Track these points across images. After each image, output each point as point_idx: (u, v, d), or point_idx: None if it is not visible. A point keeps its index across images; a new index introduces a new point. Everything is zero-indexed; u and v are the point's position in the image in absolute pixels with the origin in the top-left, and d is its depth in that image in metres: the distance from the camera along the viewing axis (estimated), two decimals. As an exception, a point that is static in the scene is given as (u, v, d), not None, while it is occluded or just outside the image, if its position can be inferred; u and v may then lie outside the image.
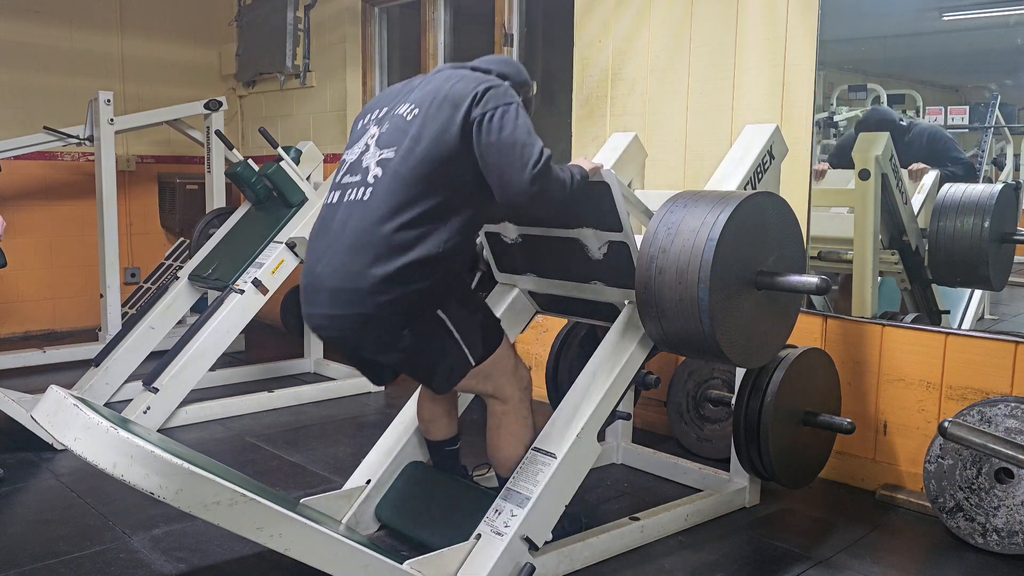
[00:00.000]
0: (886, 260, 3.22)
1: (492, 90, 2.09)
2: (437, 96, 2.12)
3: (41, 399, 1.99)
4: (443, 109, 2.08)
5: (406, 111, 2.15)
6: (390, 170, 2.09)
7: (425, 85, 2.19)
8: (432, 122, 2.08)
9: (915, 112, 3.39)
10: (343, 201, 2.16)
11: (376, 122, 2.22)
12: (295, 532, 1.86)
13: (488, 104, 2.06)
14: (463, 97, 2.08)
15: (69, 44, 5.36)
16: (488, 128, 2.05)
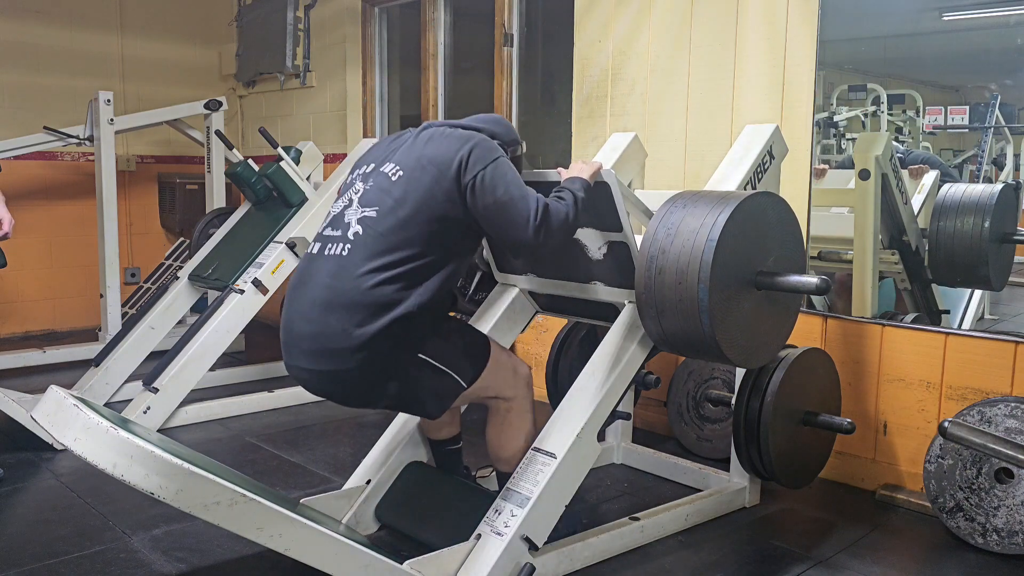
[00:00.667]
0: (886, 260, 3.22)
1: (476, 149, 2.11)
2: (422, 159, 2.13)
3: (41, 399, 1.99)
4: (428, 172, 2.10)
5: (391, 171, 2.15)
6: (371, 229, 2.09)
7: (412, 144, 2.20)
8: (416, 185, 2.09)
9: (915, 112, 3.39)
10: (323, 254, 2.14)
11: (362, 178, 2.21)
12: (295, 532, 1.86)
13: (476, 167, 2.08)
14: (448, 162, 2.09)
15: (69, 44, 5.36)
16: (481, 191, 2.08)
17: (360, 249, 2.08)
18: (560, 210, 2.15)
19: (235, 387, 4.18)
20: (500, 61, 4.31)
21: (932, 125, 3.38)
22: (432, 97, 4.75)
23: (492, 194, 2.07)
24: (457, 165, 2.09)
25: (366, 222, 2.10)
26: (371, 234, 2.08)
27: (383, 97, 5.16)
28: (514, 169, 2.15)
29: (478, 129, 2.24)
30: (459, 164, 2.09)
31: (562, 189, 2.25)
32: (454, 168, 2.09)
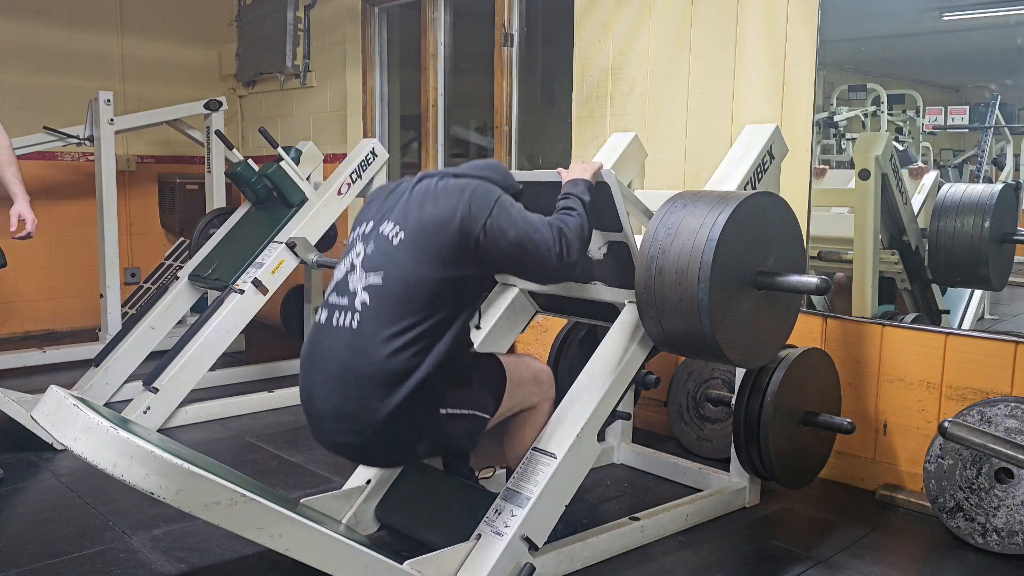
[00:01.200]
0: (886, 260, 3.22)
1: (474, 199, 2.07)
2: (422, 219, 2.07)
3: (41, 399, 1.99)
4: (430, 234, 2.05)
5: (391, 232, 2.10)
6: (379, 298, 2.04)
7: (408, 201, 2.14)
8: (420, 248, 2.05)
9: (915, 112, 3.39)
10: (332, 325, 2.11)
11: (362, 238, 2.16)
12: (295, 532, 1.86)
13: (480, 217, 2.05)
14: (449, 219, 2.05)
15: (69, 44, 5.36)
16: (494, 238, 2.05)
17: (370, 320, 2.04)
18: (574, 224, 2.15)
19: (235, 387, 4.18)
20: (500, 61, 4.31)
21: (932, 125, 3.38)
22: (432, 97, 4.75)
23: (505, 238, 2.05)
24: (459, 221, 2.04)
25: (373, 291, 2.06)
26: (379, 303, 2.04)
27: (383, 97, 5.16)
28: (517, 204, 2.12)
29: (473, 177, 2.18)
30: (461, 220, 2.04)
31: (567, 196, 2.24)
32: (456, 224, 2.04)
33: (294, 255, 3.76)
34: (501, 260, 2.09)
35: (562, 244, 2.09)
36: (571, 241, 2.11)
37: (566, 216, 2.17)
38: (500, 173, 2.25)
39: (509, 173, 2.29)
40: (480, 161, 2.28)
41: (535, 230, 2.07)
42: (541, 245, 2.07)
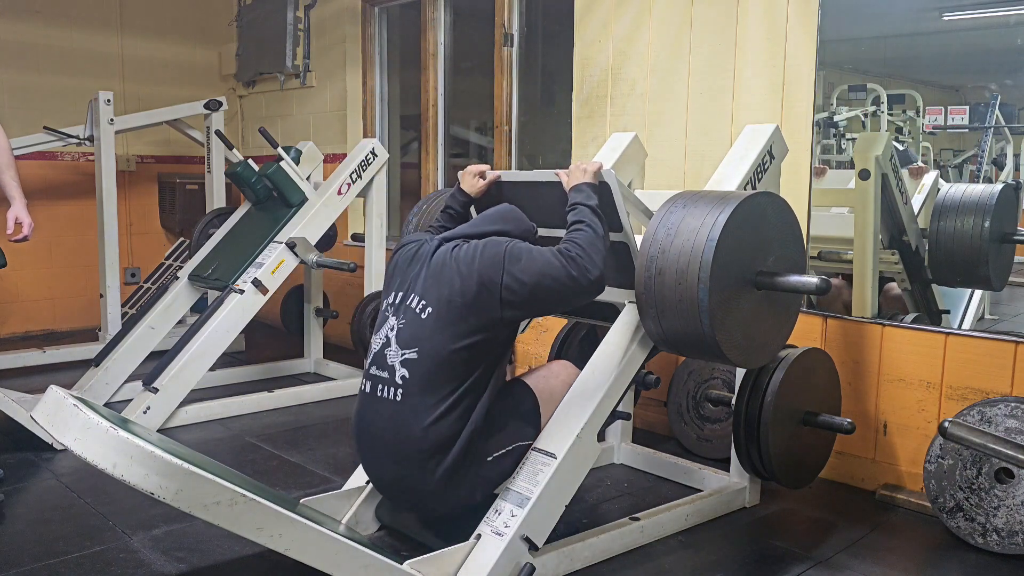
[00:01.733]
0: (886, 260, 3.22)
1: (484, 261, 2.13)
2: (443, 293, 2.15)
3: (41, 399, 1.99)
4: (455, 307, 2.13)
5: (419, 307, 2.18)
6: (416, 371, 2.14)
7: (429, 274, 2.20)
8: (448, 322, 2.13)
9: (915, 112, 3.39)
10: (376, 396, 2.21)
11: (393, 310, 2.24)
12: (295, 532, 1.86)
13: (495, 276, 2.12)
14: (471, 289, 2.12)
15: (69, 44, 5.36)
16: (514, 291, 2.12)
17: (412, 394, 2.14)
18: (585, 239, 2.19)
19: (235, 387, 4.18)
20: (500, 61, 4.31)
21: (932, 125, 3.38)
22: (432, 97, 4.75)
23: (524, 287, 2.12)
24: (477, 291, 2.12)
25: (409, 365, 2.15)
26: (418, 377, 2.13)
27: (383, 97, 5.16)
28: (526, 246, 2.17)
29: (485, 234, 2.25)
30: (479, 289, 2.12)
31: (574, 208, 2.27)
32: (475, 294, 2.12)
33: (294, 255, 3.76)
34: (532, 305, 2.16)
35: (579, 267, 2.14)
36: (586, 259, 2.16)
37: (576, 233, 2.21)
38: (513, 222, 2.31)
39: (522, 218, 2.34)
40: (492, 211, 2.35)
41: (548, 265, 2.13)
42: (559, 279, 2.12)
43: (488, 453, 2.18)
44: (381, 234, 4.18)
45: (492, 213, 2.33)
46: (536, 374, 2.39)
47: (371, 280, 4.20)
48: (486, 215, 2.33)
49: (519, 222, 2.32)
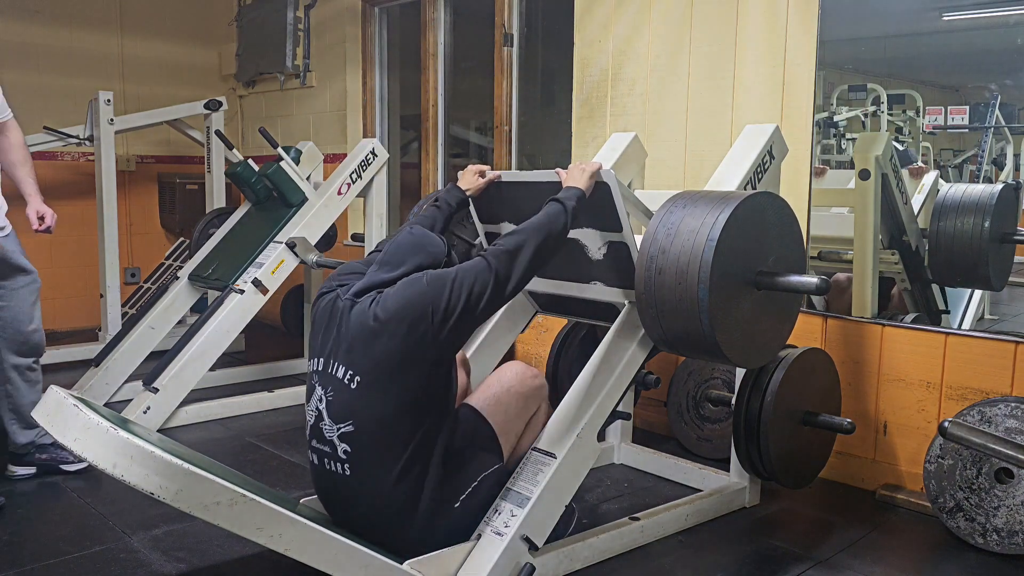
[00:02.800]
0: (886, 260, 3.22)
1: (412, 310, 1.99)
2: (372, 357, 2.01)
3: (41, 399, 2.00)
4: (386, 370, 2.01)
5: (345, 376, 2.04)
6: (357, 443, 2.04)
7: (350, 334, 2.05)
8: (381, 388, 2.02)
9: (915, 112, 3.39)
10: (324, 469, 2.12)
11: (319, 379, 2.11)
12: (295, 532, 1.86)
13: (424, 317, 1.99)
14: (398, 343, 1.99)
15: (69, 44, 5.36)
16: (450, 320, 2.01)
17: (360, 467, 2.05)
18: (532, 235, 2.12)
19: (235, 387, 4.18)
20: (500, 61, 4.31)
21: (932, 125, 3.38)
22: (432, 97, 4.75)
23: (454, 312, 2.01)
24: (408, 332, 1.99)
25: (348, 439, 2.04)
26: (361, 450, 2.04)
27: (383, 97, 5.16)
28: (441, 271, 2.06)
29: (398, 278, 2.10)
30: (409, 330, 1.99)
31: (552, 201, 2.22)
32: (405, 341, 1.99)
33: (294, 255, 3.76)
34: (470, 322, 2.07)
35: (503, 264, 2.07)
36: (515, 258, 2.09)
37: (513, 237, 2.14)
38: (423, 251, 2.15)
39: (431, 242, 2.19)
40: (400, 243, 2.18)
41: (474, 280, 2.04)
42: (486, 283, 2.04)
43: (455, 499, 2.11)
44: (381, 234, 4.17)
45: (402, 245, 2.16)
46: (486, 395, 2.27)
47: (371, 280, 4.19)
48: (396, 248, 2.16)
49: (429, 248, 2.17)
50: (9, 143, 2.90)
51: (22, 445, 2.91)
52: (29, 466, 2.93)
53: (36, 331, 2.89)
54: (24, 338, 2.86)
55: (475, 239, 2.89)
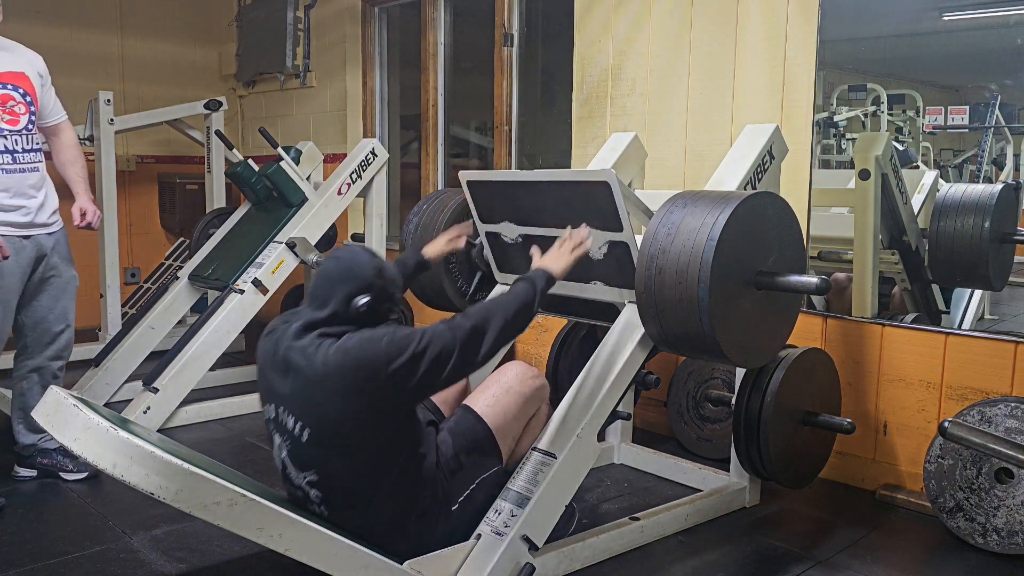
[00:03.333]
0: (886, 260, 3.22)
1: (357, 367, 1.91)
2: (318, 412, 1.96)
3: (41, 399, 2.00)
4: (331, 429, 1.96)
5: (295, 428, 1.99)
6: (327, 489, 2.02)
7: (297, 382, 1.97)
8: (334, 444, 1.98)
9: (915, 112, 3.39)
10: (304, 507, 2.07)
11: (274, 427, 2.07)
12: (295, 532, 1.86)
13: (374, 379, 1.90)
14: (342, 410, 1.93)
15: (69, 44, 5.36)
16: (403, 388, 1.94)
17: (338, 509, 2.03)
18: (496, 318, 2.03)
19: (235, 387, 4.17)
20: (500, 61, 4.31)
21: (932, 125, 3.38)
22: (432, 97, 4.74)
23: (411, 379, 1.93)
24: (364, 400, 1.93)
25: (318, 486, 2.02)
26: (334, 494, 2.02)
27: (383, 97, 5.15)
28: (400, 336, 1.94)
29: (331, 317, 2.00)
30: (362, 397, 1.92)
31: (521, 280, 2.15)
32: (364, 405, 1.93)
33: (294, 255, 3.76)
34: (425, 392, 2.03)
35: (469, 340, 1.98)
36: (483, 335, 2.00)
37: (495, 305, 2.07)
38: (352, 279, 2.02)
39: (359, 263, 2.06)
40: (327, 271, 2.06)
41: (439, 353, 1.94)
42: (449, 357, 1.95)
43: (452, 502, 2.10)
44: (381, 234, 4.18)
45: (328, 277, 2.04)
46: (484, 395, 2.25)
47: (371, 280, 4.19)
48: (322, 281, 2.05)
49: (357, 273, 2.03)
50: (62, 143, 2.97)
51: (25, 447, 2.92)
52: (31, 468, 2.93)
53: (65, 332, 2.92)
54: (52, 338, 2.89)
55: (475, 239, 2.89)
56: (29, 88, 2.78)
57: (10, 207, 2.69)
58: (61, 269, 2.89)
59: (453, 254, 2.80)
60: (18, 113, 2.72)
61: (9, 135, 2.69)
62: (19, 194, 2.72)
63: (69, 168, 2.99)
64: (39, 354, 2.88)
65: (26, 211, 2.75)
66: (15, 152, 2.71)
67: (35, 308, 2.84)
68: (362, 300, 2.00)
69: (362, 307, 2.00)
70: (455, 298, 2.97)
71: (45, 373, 2.91)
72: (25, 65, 2.80)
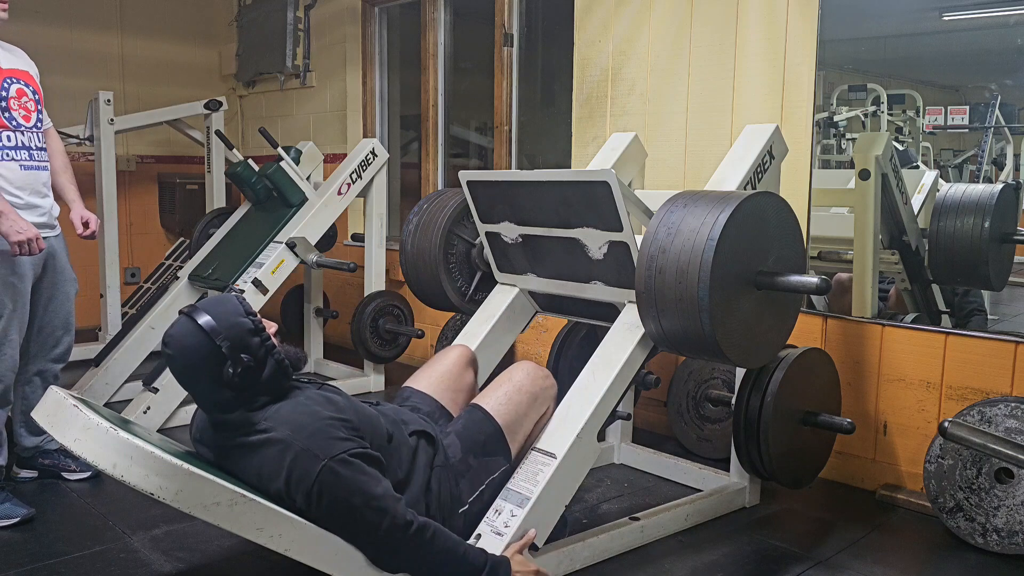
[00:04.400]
0: (886, 260, 3.22)
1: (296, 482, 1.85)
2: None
3: (41, 399, 2.00)
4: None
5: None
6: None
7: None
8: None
9: (915, 112, 3.40)
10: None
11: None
12: (295, 532, 1.86)
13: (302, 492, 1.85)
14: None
15: (69, 44, 5.36)
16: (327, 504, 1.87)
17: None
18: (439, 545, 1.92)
19: (235, 387, 4.17)
20: (500, 61, 4.31)
21: (932, 125, 3.38)
22: (432, 97, 4.75)
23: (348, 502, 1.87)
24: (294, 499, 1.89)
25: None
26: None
27: (383, 97, 5.16)
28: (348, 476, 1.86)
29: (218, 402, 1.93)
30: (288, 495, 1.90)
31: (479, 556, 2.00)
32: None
33: (294, 255, 3.76)
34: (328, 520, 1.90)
35: (416, 531, 1.88)
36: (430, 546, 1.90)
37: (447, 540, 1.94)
38: (201, 360, 1.90)
39: (196, 344, 1.90)
40: (178, 365, 1.95)
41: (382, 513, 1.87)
42: (389, 524, 1.87)
43: (461, 503, 2.10)
44: (381, 234, 4.18)
45: (180, 369, 1.93)
46: (496, 392, 2.24)
47: (371, 280, 4.20)
48: (179, 374, 1.95)
49: (200, 350, 1.89)
50: (53, 149, 2.93)
51: (27, 449, 2.92)
52: (32, 470, 2.93)
53: (67, 335, 2.91)
54: (55, 342, 2.88)
55: (475, 239, 2.89)
56: (36, 87, 2.79)
57: (27, 206, 2.66)
58: (66, 272, 2.89)
59: (453, 254, 2.80)
60: (30, 110, 2.71)
61: (25, 131, 2.68)
62: (35, 192, 2.70)
63: (60, 176, 2.97)
64: (42, 357, 2.88)
65: (40, 211, 2.73)
66: (31, 149, 2.70)
67: (39, 312, 2.82)
68: (227, 372, 1.88)
69: (235, 375, 1.88)
70: (455, 298, 2.97)
71: (47, 376, 2.90)
72: (27, 66, 2.80)
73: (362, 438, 1.94)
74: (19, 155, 2.65)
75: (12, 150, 2.63)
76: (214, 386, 1.91)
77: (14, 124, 2.63)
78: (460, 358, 2.53)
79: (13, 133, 2.63)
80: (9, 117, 2.62)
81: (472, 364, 2.57)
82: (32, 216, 2.68)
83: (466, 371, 2.51)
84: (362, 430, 1.98)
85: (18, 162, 2.65)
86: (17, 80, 2.69)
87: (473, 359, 2.58)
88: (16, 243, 2.51)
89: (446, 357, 2.53)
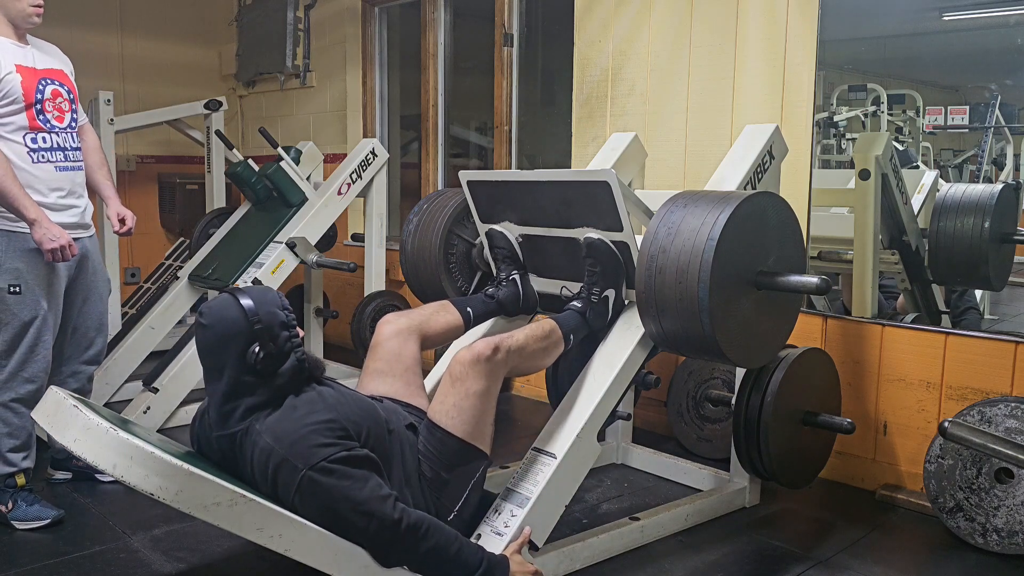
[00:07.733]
0: (886, 260, 3.22)
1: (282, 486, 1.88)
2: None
3: (41, 399, 2.00)
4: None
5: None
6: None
7: (251, 473, 1.97)
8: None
9: (915, 112, 3.40)
10: None
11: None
12: (295, 532, 1.86)
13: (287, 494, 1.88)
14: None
15: (69, 44, 5.29)
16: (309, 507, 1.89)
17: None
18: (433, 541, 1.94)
19: (235, 387, 4.17)
20: (500, 61, 4.31)
21: (932, 125, 3.38)
22: (432, 97, 4.75)
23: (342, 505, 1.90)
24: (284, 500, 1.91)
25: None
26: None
27: (383, 97, 5.16)
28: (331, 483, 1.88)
29: (236, 381, 1.96)
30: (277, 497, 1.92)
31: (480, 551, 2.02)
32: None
33: (294, 255, 3.76)
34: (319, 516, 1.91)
35: (407, 530, 1.90)
36: (416, 538, 1.91)
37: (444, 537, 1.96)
38: (229, 343, 1.96)
39: (224, 319, 1.97)
40: (202, 342, 2.01)
41: (372, 511, 1.88)
42: (380, 519, 1.89)
43: (448, 512, 2.09)
44: (381, 234, 4.18)
45: (208, 347, 1.99)
46: (444, 405, 2.13)
47: (371, 280, 4.20)
48: (205, 353, 2.00)
49: (230, 334, 1.96)
50: (88, 146, 2.89)
51: (60, 450, 2.91)
52: (66, 471, 2.93)
53: (100, 336, 2.87)
54: (89, 343, 2.85)
55: (475, 239, 2.89)
56: (71, 85, 2.78)
57: (62, 207, 2.64)
58: (99, 273, 2.85)
59: (453, 254, 2.79)
60: (64, 110, 2.70)
61: (60, 132, 2.67)
62: (71, 193, 2.68)
63: (97, 172, 2.94)
64: (76, 359, 2.83)
65: (75, 211, 2.71)
66: (66, 150, 2.68)
67: (74, 313, 2.78)
68: (254, 352, 1.94)
69: (258, 358, 1.94)
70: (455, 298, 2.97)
71: (81, 377, 2.86)
72: (62, 64, 2.80)
73: (351, 438, 1.94)
74: (54, 156, 2.64)
75: (47, 151, 2.62)
76: (237, 362, 1.95)
77: (48, 126, 2.63)
78: (393, 338, 2.38)
79: (48, 135, 2.63)
80: (44, 120, 2.62)
81: (402, 335, 2.39)
82: (66, 216, 2.66)
83: (404, 348, 2.37)
84: (360, 425, 1.99)
85: (53, 163, 2.64)
86: (52, 81, 2.69)
87: (404, 328, 2.40)
88: (49, 251, 2.51)
89: (382, 348, 2.38)
